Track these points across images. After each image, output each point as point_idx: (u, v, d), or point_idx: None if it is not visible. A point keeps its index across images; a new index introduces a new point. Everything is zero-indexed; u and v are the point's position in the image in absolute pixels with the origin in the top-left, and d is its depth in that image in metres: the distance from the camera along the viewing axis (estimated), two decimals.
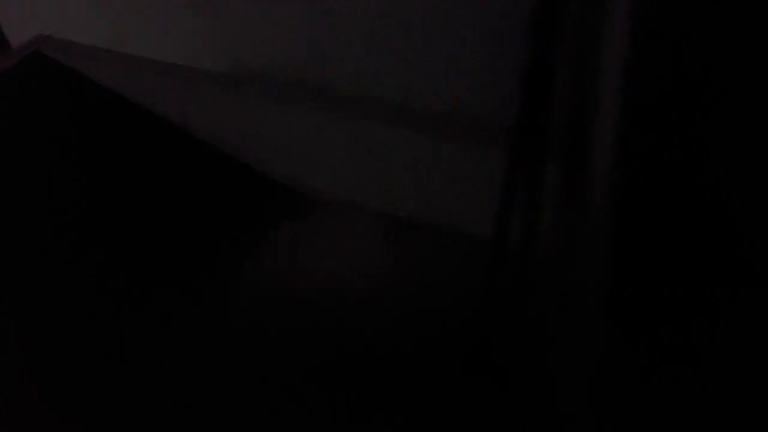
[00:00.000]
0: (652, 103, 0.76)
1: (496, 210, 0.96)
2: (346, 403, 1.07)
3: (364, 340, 1.12)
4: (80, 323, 1.15)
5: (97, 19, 1.22)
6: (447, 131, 1.07)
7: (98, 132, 1.24)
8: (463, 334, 1.07)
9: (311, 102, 1.14)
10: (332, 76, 1.13)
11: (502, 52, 1.00)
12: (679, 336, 0.77)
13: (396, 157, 1.12)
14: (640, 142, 0.77)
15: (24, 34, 1.27)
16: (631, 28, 0.74)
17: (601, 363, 0.78)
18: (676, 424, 0.78)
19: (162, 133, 1.24)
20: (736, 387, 0.77)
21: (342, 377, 1.10)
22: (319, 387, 1.09)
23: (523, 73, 0.88)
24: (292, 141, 1.18)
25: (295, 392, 1.09)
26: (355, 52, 1.11)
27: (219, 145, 1.24)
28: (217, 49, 1.17)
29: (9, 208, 1.16)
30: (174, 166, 1.26)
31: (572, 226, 0.81)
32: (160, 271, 1.21)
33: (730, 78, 0.75)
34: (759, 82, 0.74)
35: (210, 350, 1.12)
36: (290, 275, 1.21)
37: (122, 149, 1.25)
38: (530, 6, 0.86)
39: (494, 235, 0.97)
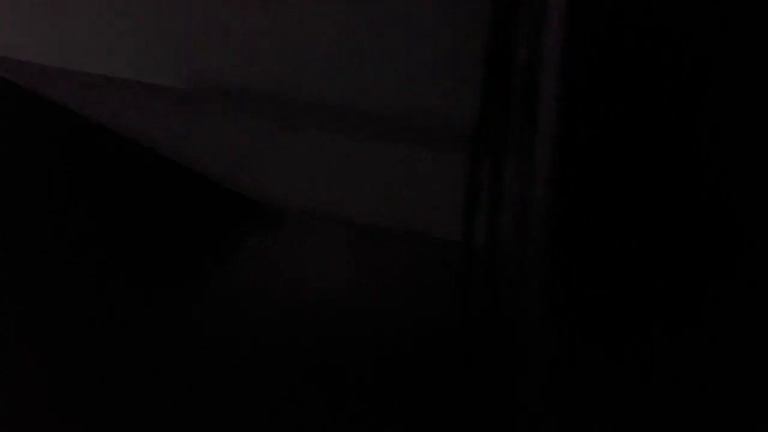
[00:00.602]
0: (590, 100, 0.76)
1: (463, 214, 0.96)
2: (322, 415, 1.08)
3: (340, 351, 1.13)
4: (44, 339, 1.14)
5: (48, 37, 1.18)
6: (414, 137, 1.06)
7: (53, 152, 1.21)
8: (439, 341, 1.08)
9: (274, 113, 1.12)
10: (294, 86, 1.11)
11: (463, 55, 0.99)
12: (626, 332, 0.78)
13: (362, 164, 1.11)
14: (578, 139, 0.77)
15: None
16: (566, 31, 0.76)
17: (549, 361, 0.80)
18: (627, 419, 0.80)
19: (121, 151, 1.22)
20: (687, 380, 0.78)
21: (318, 388, 1.10)
22: (294, 400, 1.10)
23: (485, 75, 0.88)
24: (256, 154, 1.16)
25: (269, 407, 1.09)
26: (319, 61, 1.09)
27: (181, 161, 1.22)
28: (175, 64, 1.14)
29: None
30: (135, 184, 1.24)
31: (517, 224, 0.83)
32: (125, 290, 1.19)
33: (667, 77, 0.76)
34: (695, 74, 0.75)
35: (179, 366, 1.12)
36: (261, 290, 1.21)
37: (80, 168, 1.22)
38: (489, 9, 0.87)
39: (463, 239, 0.97)
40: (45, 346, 1.11)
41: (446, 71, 1.00)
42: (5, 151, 1.19)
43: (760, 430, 0.78)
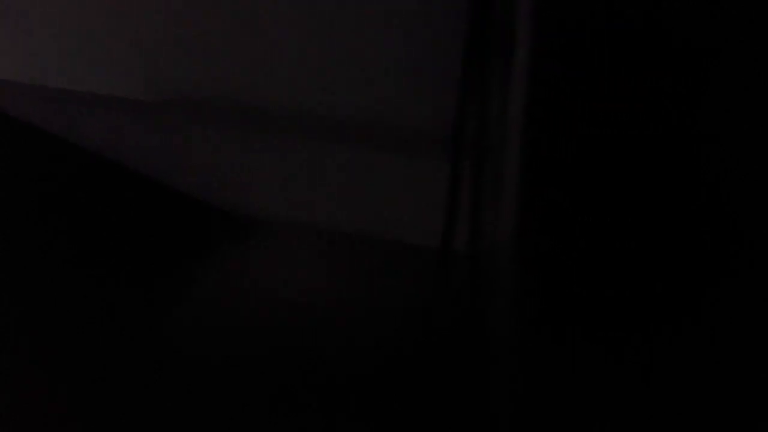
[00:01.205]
0: (554, 104, 0.77)
1: (443, 218, 0.97)
2: (297, 423, 1.08)
3: (318, 360, 1.12)
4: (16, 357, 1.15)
5: (7, 51, 1.18)
6: (385, 142, 1.06)
7: (21, 168, 1.21)
8: (418, 345, 1.08)
9: (241, 122, 1.12)
10: (261, 93, 1.11)
11: (437, 59, 0.99)
12: (592, 333, 0.79)
13: (334, 171, 1.11)
14: (544, 142, 0.78)
15: None
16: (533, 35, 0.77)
17: (515, 362, 0.81)
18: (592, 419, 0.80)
19: (88, 166, 1.21)
20: (652, 379, 0.80)
21: (297, 399, 1.10)
22: (272, 412, 1.09)
23: (461, 79, 0.89)
24: (225, 164, 1.16)
25: (240, 417, 1.09)
26: (287, 69, 1.09)
27: (149, 174, 1.21)
28: (137, 76, 1.15)
29: None
30: (103, 198, 1.23)
31: (485, 226, 0.83)
32: (96, 307, 1.19)
33: (627, 80, 0.77)
34: (655, 78, 0.77)
35: (155, 380, 1.12)
36: (235, 301, 1.19)
37: (48, 184, 1.22)
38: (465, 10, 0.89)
39: (442, 244, 0.98)
40: (29, 349, 1.12)
41: (422, 74, 1.00)
42: None
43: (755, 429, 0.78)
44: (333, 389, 1.09)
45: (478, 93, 0.88)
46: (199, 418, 1.09)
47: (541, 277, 0.79)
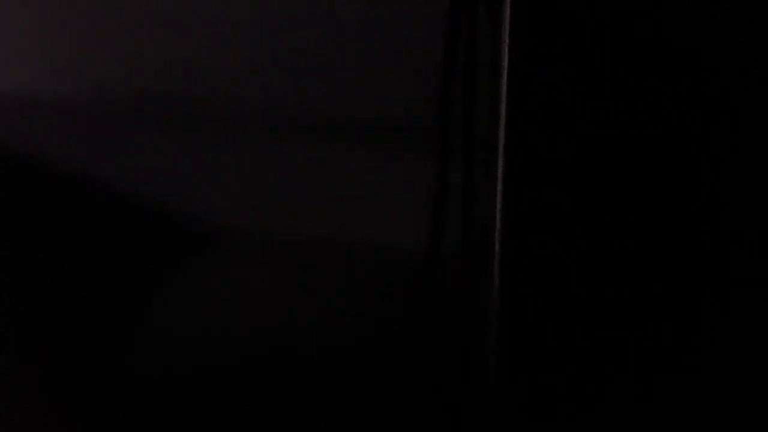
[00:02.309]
0: (534, 107, 0.77)
1: (428, 218, 0.96)
2: None
3: (293, 373, 1.10)
4: None
5: None
6: (354, 142, 1.05)
7: None
8: (401, 351, 1.07)
9: (197, 126, 1.10)
10: (220, 93, 1.09)
11: (415, 54, 0.98)
12: (572, 334, 0.79)
13: (299, 173, 1.09)
14: (525, 143, 0.78)
15: None
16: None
17: (497, 360, 0.80)
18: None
19: (32, 172, 1.17)
20: (632, 380, 0.79)
21: (271, 412, 1.08)
22: (238, 420, 1.08)
23: (443, 76, 0.89)
24: (180, 169, 1.14)
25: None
26: (237, 68, 1.07)
27: (97, 182, 1.17)
28: (84, 79, 1.13)
29: None
30: (48, 209, 1.18)
31: (468, 226, 0.83)
32: (54, 326, 1.15)
33: (605, 82, 0.76)
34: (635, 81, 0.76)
35: (122, 398, 1.10)
36: (200, 314, 1.15)
37: None
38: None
39: (427, 245, 0.97)
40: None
41: (402, 73, 0.99)
42: None
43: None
44: (316, 396, 1.07)
45: (461, 90, 0.88)
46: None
47: (526, 277, 0.78)
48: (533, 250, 0.78)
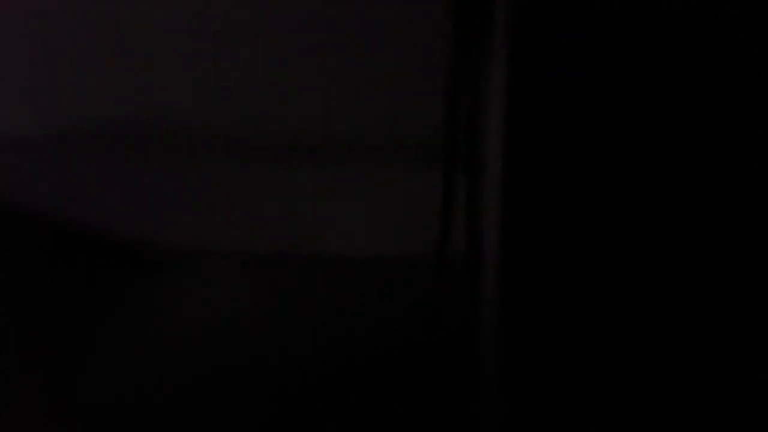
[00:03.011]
0: (534, 109, 0.76)
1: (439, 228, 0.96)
2: None
3: (295, 378, 1.10)
4: None
5: None
6: (355, 148, 1.05)
7: None
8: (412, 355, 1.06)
9: (152, 151, 1.09)
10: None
11: (417, 58, 0.98)
12: (574, 336, 0.79)
13: (301, 184, 1.09)
14: (524, 147, 0.77)
15: None
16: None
17: (500, 366, 0.80)
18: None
19: None
20: (628, 386, 0.79)
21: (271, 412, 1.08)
22: None
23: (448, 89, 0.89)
24: (137, 197, 1.13)
25: None
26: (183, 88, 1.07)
27: (50, 213, 1.17)
28: (26, 111, 1.13)
29: None
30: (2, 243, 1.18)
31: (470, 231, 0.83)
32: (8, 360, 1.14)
33: (602, 87, 0.76)
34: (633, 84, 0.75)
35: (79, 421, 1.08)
36: (160, 340, 1.14)
37: None
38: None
39: (437, 254, 0.97)
40: None
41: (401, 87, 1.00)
42: None
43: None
44: (319, 402, 1.07)
45: (466, 102, 0.88)
46: None
47: (527, 279, 0.78)
48: (536, 252, 0.78)
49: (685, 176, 0.76)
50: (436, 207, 0.94)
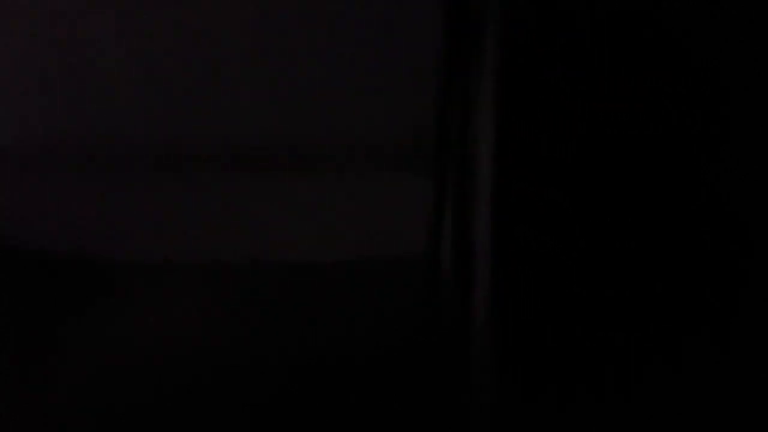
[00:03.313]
0: (525, 114, 0.77)
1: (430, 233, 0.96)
2: None
3: (292, 381, 1.09)
4: None
5: None
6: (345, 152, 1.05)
7: None
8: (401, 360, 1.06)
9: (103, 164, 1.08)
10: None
11: (409, 59, 0.98)
12: (567, 338, 0.79)
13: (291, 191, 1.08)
14: (516, 150, 0.78)
15: None
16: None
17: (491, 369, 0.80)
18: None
19: None
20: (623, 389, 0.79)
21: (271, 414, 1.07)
22: None
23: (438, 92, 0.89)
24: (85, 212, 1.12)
25: None
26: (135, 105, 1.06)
27: (6, 228, 1.15)
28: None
29: None
30: None
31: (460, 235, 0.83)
32: None
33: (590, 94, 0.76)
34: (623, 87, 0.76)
35: None
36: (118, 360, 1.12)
37: None
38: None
39: (427, 259, 0.97)
40: None
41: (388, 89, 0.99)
42: None
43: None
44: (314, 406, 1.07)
45: (456, 105, 0.88)
46: None
47: (519, 282, 0.78)
48: (531, 252, 0.78)
49: (684, 176, 0.76)
50: (426, 209, 0.94)
